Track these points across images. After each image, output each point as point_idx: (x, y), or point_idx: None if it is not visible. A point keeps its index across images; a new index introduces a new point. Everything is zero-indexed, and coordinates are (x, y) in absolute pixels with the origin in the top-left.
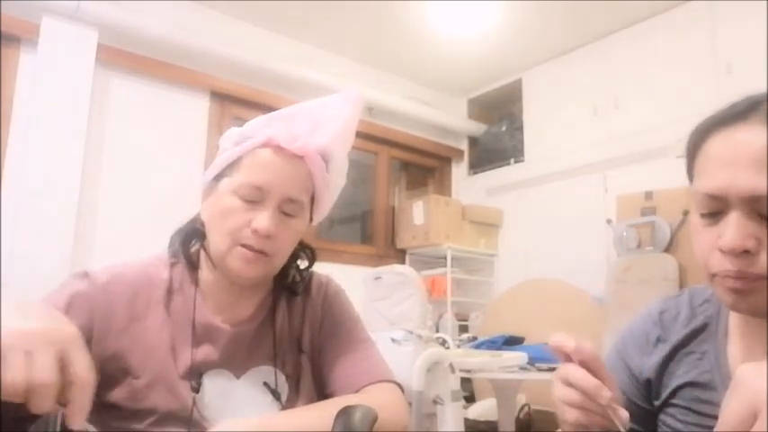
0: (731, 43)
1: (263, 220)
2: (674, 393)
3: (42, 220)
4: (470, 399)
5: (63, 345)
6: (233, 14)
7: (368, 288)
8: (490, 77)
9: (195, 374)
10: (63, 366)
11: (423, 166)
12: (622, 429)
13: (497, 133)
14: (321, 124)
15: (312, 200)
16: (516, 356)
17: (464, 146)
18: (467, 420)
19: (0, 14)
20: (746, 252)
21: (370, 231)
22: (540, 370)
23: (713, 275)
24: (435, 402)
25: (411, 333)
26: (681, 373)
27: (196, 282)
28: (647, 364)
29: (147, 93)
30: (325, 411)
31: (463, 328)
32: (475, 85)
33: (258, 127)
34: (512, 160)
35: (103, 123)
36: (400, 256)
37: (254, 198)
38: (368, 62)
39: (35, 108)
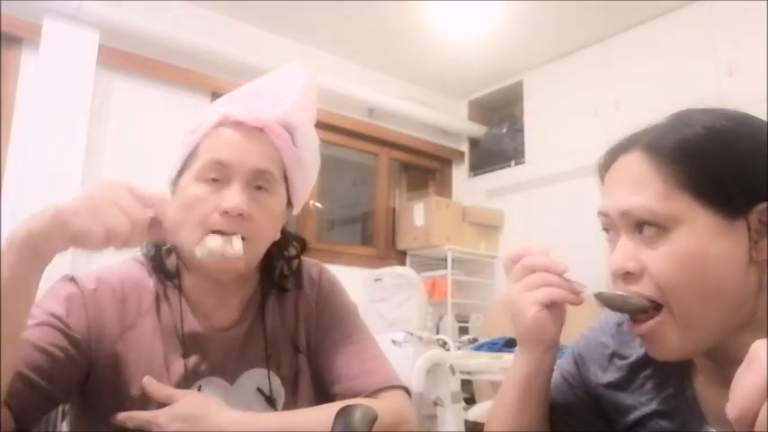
0: (732, 44)
1: (231, 197)
2: (638, 423)
3: None
4: (471, 400)
5: (126, 188)
6: (233, 15)
7: (368, 289)
8: (491, 79)
9: (187, 385)
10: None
11: (423, 168)
12: (585, 288)
13: (498, 135)
14: (278, 96)
15: (285, 178)
16: None
17: (465, 147)
18: (467, 422)
19: (1, 15)
20: (629, 273)
21: (370, 233)
22: None
23: None
24: (436, 404)
25: (411, 335)
26: (645, 401)
27: (179, 288)
28: (603, 379)
29: (148, 93)
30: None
31: (463, 330)
32: (475, 87)
33: (211, 108)
34: (512, 162)
35: (105, 124)
36: (401, 257)
37: (219, 176)
38: (368, 64)
39: (36, 109)
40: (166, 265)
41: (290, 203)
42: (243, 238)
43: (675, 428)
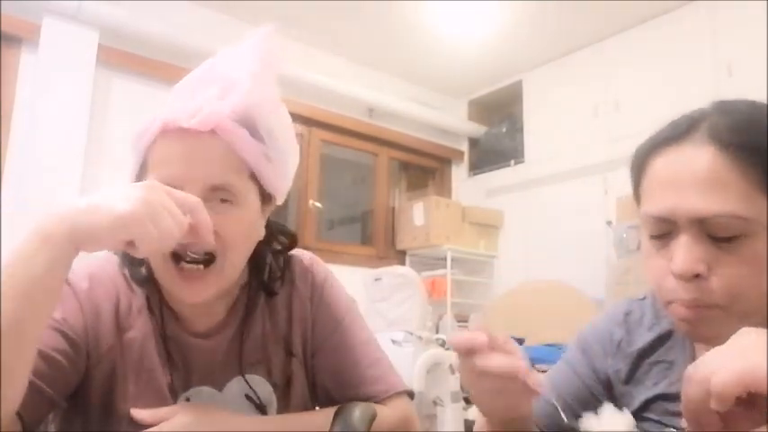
0: (731, 44)
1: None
2: (644, 406)
3: None
4: (470, 400)
5: (166, 191)
6: (233, 15)
7: (368, 289)
8: (490, 79)
9: (176, 396)
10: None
11: (423, 168)
12: (539, 389)
13: (498, 134)
14: (228, 83)
15: (255, 180)
16: None
17: (464, 147)
18: (467, 421)
19: (0, 14)
20: (698, 277)
21: (370, 232)
22: (540, 371)
23: (668, 302)
24: (435, 403)
25: (411, 334)
26: (650, 385)
27: (160, 295)
28: (612, 367)
29: (148, 93)
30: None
31: (463, 330)
32: (475, 87)
33: (154, 114)
34: (512, 161)
35: (104, 124)
36: (400, 257)
37: None
38: (368, 63)
39: (36, 108)
40: (138, 272)
41: (268, 198)
42: (215, 256)
43: (678, 411)
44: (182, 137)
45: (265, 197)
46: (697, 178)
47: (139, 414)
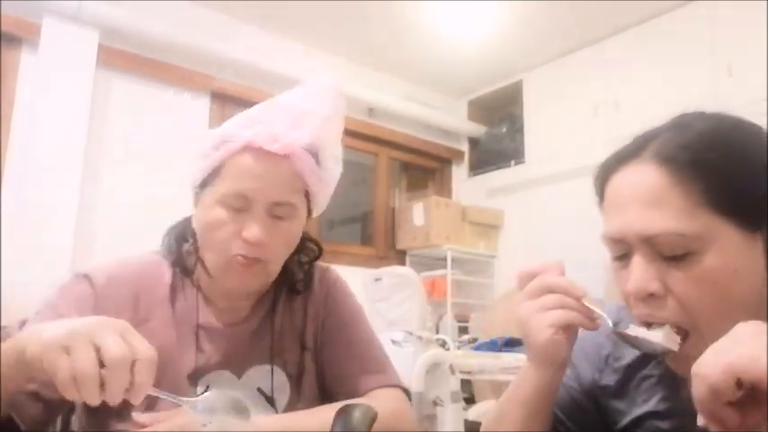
0: (731, 44)
1: (253, 227)
2: (635, 423)
3: (43, 221)
4: (470, 400)
5: (119, 332)
6: (233, 15)
7: (368, 289)
8: (490, 79)
9: (198, 378)
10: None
11: (423, 168)
12: (602, 315)
13: (498, 135)
14: (303, 119)
15: (307, 196)
16: (516, 358)
17: (464, 147)
18: (467, 422)
19: (0, 14)
20: (652, 296)
21: (370, 232)
22: None
23: (636, 318)
24: (435, 404)
25: (411, 334)
26: (640, 401)
27: (196, 284)
28: (600, 382)
29: (148, 93)
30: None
31: (463, 330)
32: (475, 87)
33: (236, 129)
34: (512, 162)
35: (104, 124)
36: (400, 257)
37: (241, 206)
38: (368, 63)
39: (36, 109)
40: (186, 262)
41: (310, 212)
42: (260, 260)
43: (671, 428)
44: (261, 157)
45: (309, 211)
46: (640, 197)
47: (140, 417)
